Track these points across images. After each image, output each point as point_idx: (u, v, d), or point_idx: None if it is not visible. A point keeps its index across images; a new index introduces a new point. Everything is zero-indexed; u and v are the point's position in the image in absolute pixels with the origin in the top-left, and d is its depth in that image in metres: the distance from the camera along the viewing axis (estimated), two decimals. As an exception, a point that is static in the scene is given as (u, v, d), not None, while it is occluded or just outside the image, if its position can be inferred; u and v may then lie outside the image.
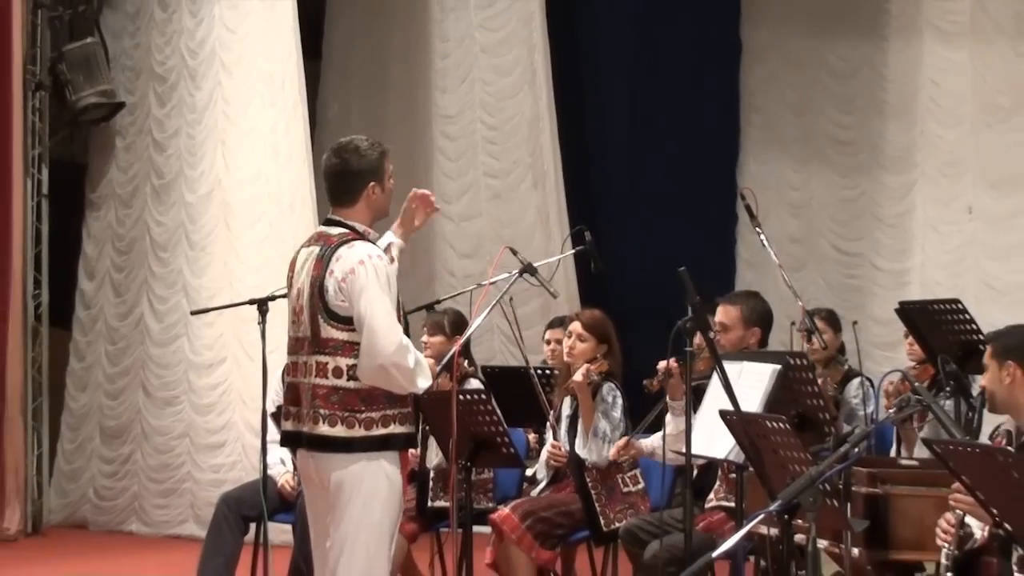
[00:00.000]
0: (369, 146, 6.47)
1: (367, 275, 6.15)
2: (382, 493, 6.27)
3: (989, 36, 12.45)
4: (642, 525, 8.36)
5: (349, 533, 6.31)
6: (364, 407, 6.21)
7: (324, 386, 6.25)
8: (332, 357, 6.24)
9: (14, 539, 12.76)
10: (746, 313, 8.42)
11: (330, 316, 6.24)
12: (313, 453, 6.35)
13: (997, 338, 6.38)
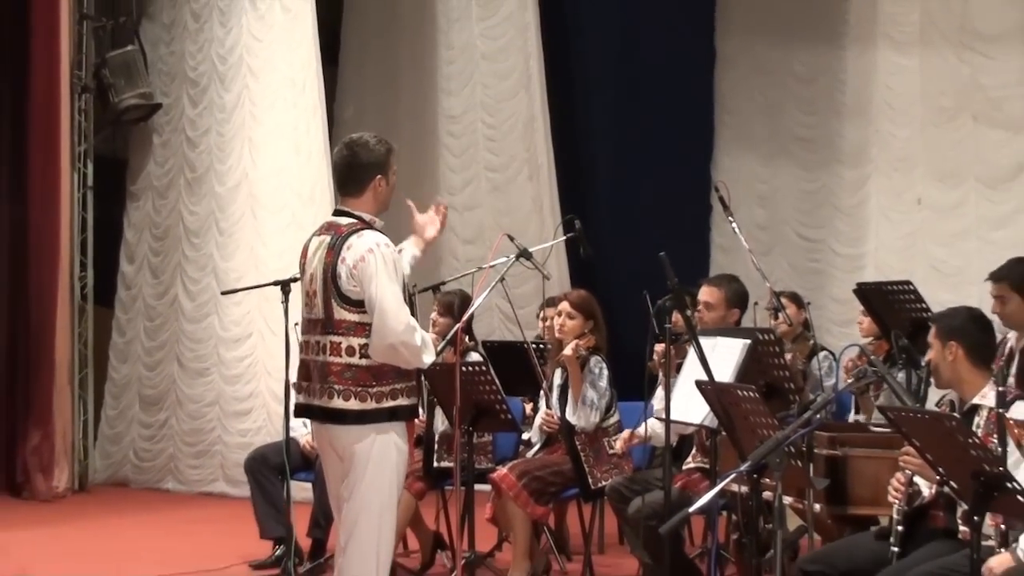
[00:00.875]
0: (377, 142, 6.44)
1: (376, 262, 6.11)
2: (391, 461, 6.28)
3: (936, 45, 12.45)
4: (626, 484, 8.38)
5: (363, 501, 6.30)
6: (375, 382, 6.18)
7: (338, 363, 6.21)
8: (345, 337, 6.20)
9: (63, 496, 12.78)
10: (729, 295, 8.48)
11: (343, 300, 6.19)
12: (328, 425, 6.32)
13: (941, 319, 6.38)
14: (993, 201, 11.82)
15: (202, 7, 13.36)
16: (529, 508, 8.68)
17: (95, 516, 12.02)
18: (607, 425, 8.82)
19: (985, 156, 11.92)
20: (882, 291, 8.40)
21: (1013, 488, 4.84)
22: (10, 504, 12.50)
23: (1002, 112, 11.82)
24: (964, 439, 4.94)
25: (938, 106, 12.40)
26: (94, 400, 13.79)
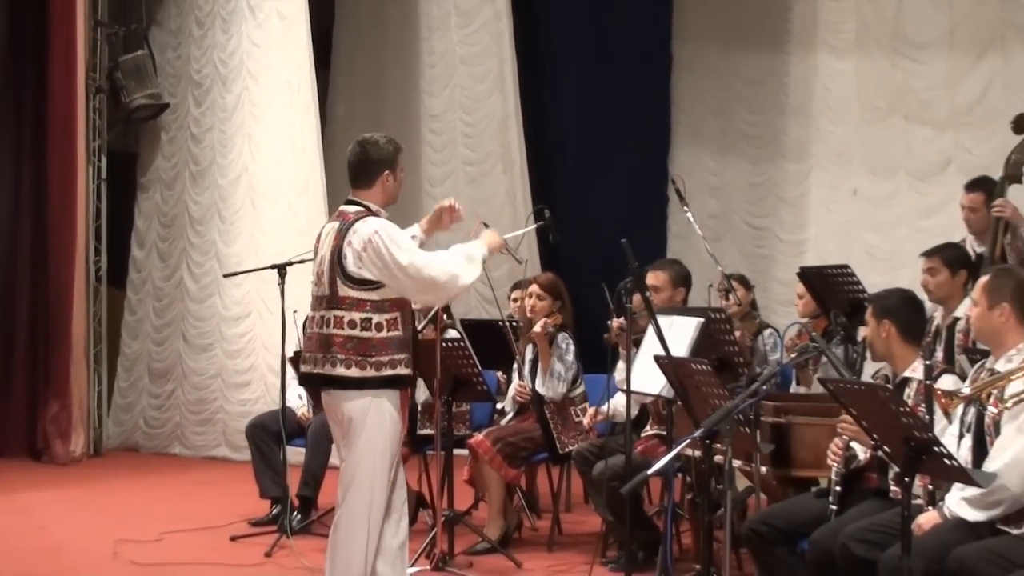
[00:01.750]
0: (387, 142, 6.65)
1: (382, 243, 6.22)
2: (385, 427, 6.36)
3: (870, 51, 12.45)
4: (590, 449, 8.40)
5: (358, 459, 6.40)
6: (374, 353, 6.29)
7: (341, 335, 6.31)
8: (348, 311, 6.31)
9: (79, 460, 12.79)
10: (673, 276, 8.57)
11: (347, 278, 6.30)
12: (331, 391, 6.41)
13: (877, 299, 6.40)
14: (922, 193, 11.83)
15: (206, 15, 13.35)
16: (503, 471, 8.71)
17: (109, 478, 11.99)
18: (573, 395, 8.85)
19: (915, 152, 11.93)
20: (823, 274, 8.41)
21: (939, 452, 4.84)
22: (31, 467, 12.53)
23: (930, 112, 11.83)
24: (896, 408, 4.95)
25: (872, 106, 12.41)
26: (107, 373, 13.80)
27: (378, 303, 6.32)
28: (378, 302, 6.32)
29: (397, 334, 6.37)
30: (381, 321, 6.32)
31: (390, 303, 6.35)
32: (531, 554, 8.70)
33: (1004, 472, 5.32)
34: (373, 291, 6.31)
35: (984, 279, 5.78)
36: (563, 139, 14.83)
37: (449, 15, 14.23)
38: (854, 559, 5.57)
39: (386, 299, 6.33)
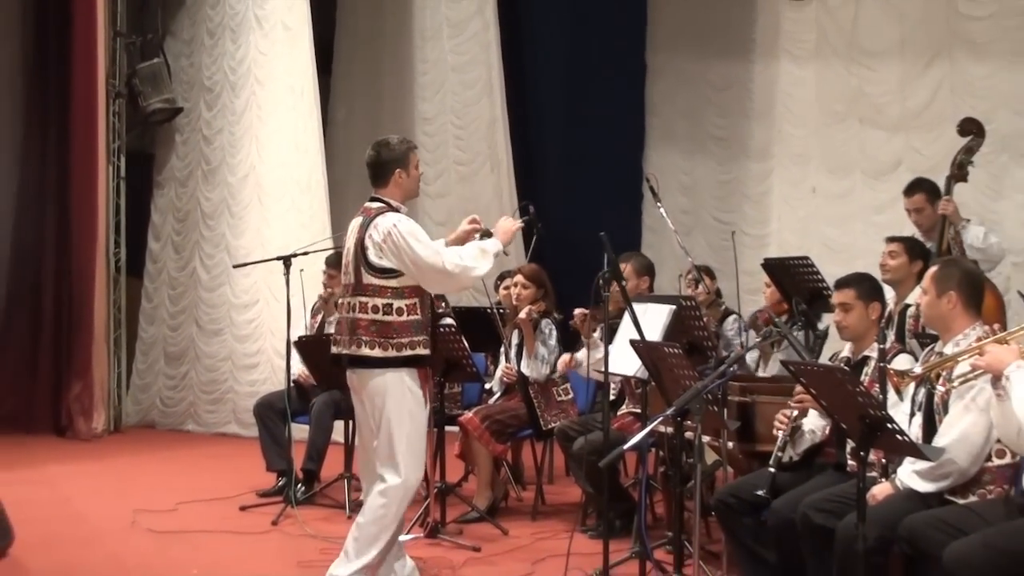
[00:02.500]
0: (399, 142, 6.80)
1: (400, 237, 6.39)
2: (408, 399, 6.50)
3: (828, 59, 12.44)
4: (571, 426, 8.42)
5: (390, 431, 6.49)
6: (396, 335, 6.44)
7: (365, 319, 6.46)
8: (371, 298, 6.46)
9: (100, 436, 12.77)
10: (636, 267, 8.69)
11: (369, 267, 6.45)
12: (356, 370, 6.53)
13: (861, 282, 6.39)
14: (875, 190, 11.82)
15: (216, 26, 13.33)
16: (490, 446, 8.72)
17: (127, 453, 11.98)
18: (556, 376, 8.85)
19: (869, 152, 11.92)
20: (785, 265, 8.41)
21: (892, 429, 4.85)
22: (55, 443, 12.50)
23: (883, 116, 11.82)
24: (852, 388, 4.96)
25: (830, 110, 12.40)
26: (126, 356, 13.81)
27: (398, 290, 6.47)
28: (398, 289, 6.47)
29: (416, 318, 6.51)
30: (401, 306, 6.46)
31: (409, 290, 6.50)
32: (516, 522, 8.70)
33: (952, 447, 5.35)
34: (393, 279, 6.46)
35: (933, 269, 5.80)
36: (546, 141, 14.85)
37: (441, 26, 14.23)
38: (813, 526, 5.58)
39: (405, 286, 6.49)
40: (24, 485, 9.58)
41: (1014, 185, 10.51)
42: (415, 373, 6.53)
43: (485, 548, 7.93)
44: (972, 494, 5.40)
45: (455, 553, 7.80)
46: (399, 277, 6.45)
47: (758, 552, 6.21)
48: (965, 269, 5.81)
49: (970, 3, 11.03)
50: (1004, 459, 5.38)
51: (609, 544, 6.07)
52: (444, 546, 7.94)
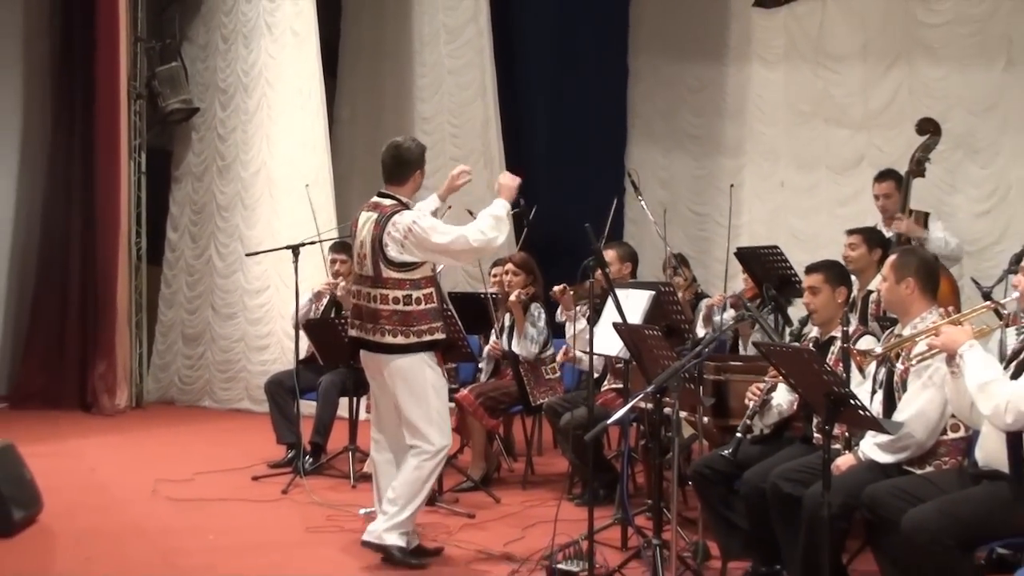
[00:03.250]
0: (416, 145, 6.89)
1: (422, 232, 6.44)
2: (429, 376, 6.59)
3: (796, 64, 12.45)
4: (559, 402, 8.44)
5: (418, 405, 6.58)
6: (415, 323, 6.51)
7: (387, 310, 6.51)
8: (391, 290, 6.51)
9: (123, 412, 12.76)
10: (621, 254, 8.73)
11: (388, 263, 6.48)
12: (379, 355, 6.57)
13: (829, 268, 6.42)
14: (839, 184, 11.84)
15: (230, 32, 13.30)
16: (484, 420, 8.73)
17: (148, 427, 11.97)
18: (544, 356, 8.89)
19: (833, 150, 11.93)
20: (756, 253, 8.41)
21: (855, 404, 4.85)
22: (82, 418, 12.48)
23: (846, 115, 11.83)
24: (818, 367, 4.96)
25: (798, 110, 12.41)
26: (147, 337, 13.77)
27: (416, 281, 6.54)
28: (416, 280, 6.54)
29: (432, 306, 6.59)
30: (419, 296, 6.53)
31: (425, 281, 6.58)
32: (508, 491, 8.70)
33: (910, 422, 5.37)
34: (412, 271, 6.51)
35: (892, 258, 5.81)
36: (535, 139, 14.81)
37: (438, 32, 14.20)
38: (782, 495, 5.59)
39: (422, 278, 6.57)
40: (52, 457, 9.58)
41: (967, 180, 10.53)
42: (433, 356, 6.62)
43: (479, 515, 7.93)
44: (929, 465, 5.42)
45: (451, 519, 7.80)
46: (417, 269, 6.51)
47: (731, 519, 6.21)
48: (922, 257, 5.84)
49: (927, 12, 11.03)
50: (958, 433, 5.41)
51: (594, 511, 6.06)
52: (441, 513, 7.94)
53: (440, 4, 14.19)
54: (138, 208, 13.47)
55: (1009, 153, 10.28)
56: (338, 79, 14.82)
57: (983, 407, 4.83)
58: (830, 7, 12.08)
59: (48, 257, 13.47)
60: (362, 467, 9.10)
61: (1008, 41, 10.29)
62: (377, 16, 14.73)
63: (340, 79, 14.89)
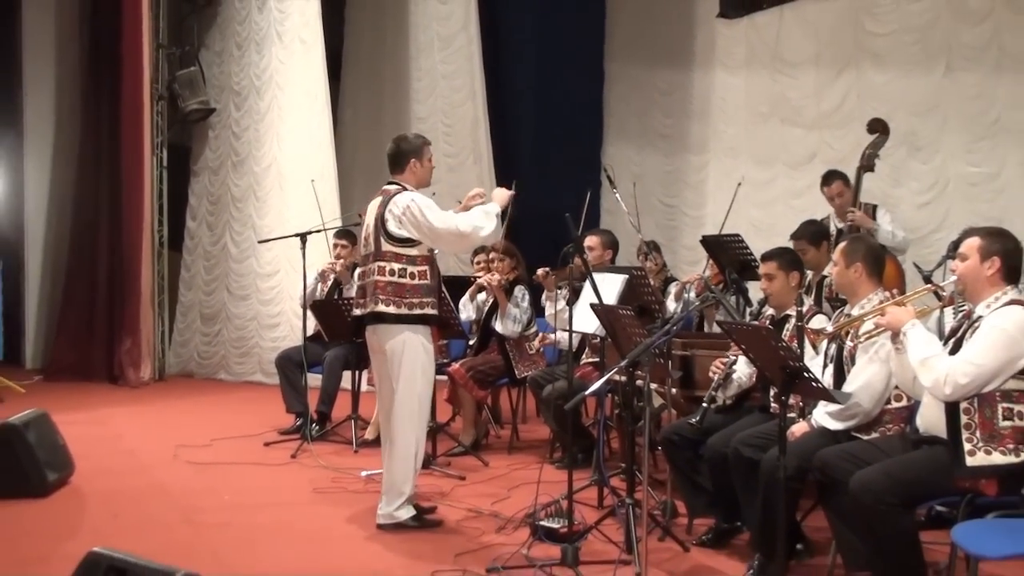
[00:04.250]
0: (415, 137, 6.85)
1: (417, 210, 6.42)
2: (420, 356, 6.52)
3: (756, 69, 12.44)
4: (541, 375, 8.43)
5: (403, 385, 6.51)
6: (408, 295, 6.46)
7: (382, 281, 6.46)
8: (388, 262, 6.47)
9: (147, 384, 12.79)
10: (604, 241, 8.67)
11: (388, 236, 6.47)
12: (375, 327, 6.52)
13: (782, 255, 6.43)
14: (794, 179, 11.84)
15: (244, 40, 13.27)
16: (473, 392, 8.73)
17: (170, 398, 11.96)
18: (527, 334, 8.89)
19: (789, 147, 11.93)
20: (720, 241, 8.41)
21: (808, 377, 4.86)
22: (109, 389, 12.49)
23: (801, 116, 11.83)
24: (775, 343, 4.96)
25: (757, 111, 12.40)
26: (168, 317, 13.78)
27: (412, 257, 6.49)
28: (413, 256, 6.49)
29: (426, 282, 6.53)
30: (414, 271, 6.48)
31: (421, 259, 6.52)
32: (495, 456, 8.71)
33: (858, 393, 5.38)
34: (409, 247, 6.47)
35: (842, 245, 5.82)
36: (520, 136, 14.81)
37: (432, 41, 14.21)
38: (742, 459, 5.60)
39: (419, 255, 6.51)
40: (82, 425, 9.56)
41: (910, 175, 10.53)
42: (427, 331, 6.56)
43: (469, 477, 7.93)
44: (874, 431, 5.43)
45: (444, 481, 7.79)
46: (415, 247, 6.47)
47: (697, 480, 6.23)
48: (869, 244, 5.87)
49: (874, 22, 11.02)
50: (901, 402, 5.42)
51: (573, 473, 6.07)
52: (435, 475, 7.94)
53: (434, 15, 14.21)
54: (160, 199, 13.46)
55: (948, 151, 10.29)
56: (341, 83, 14.81)
57: (924, 380, 4.84)
58: (786, 18, 12.07)
59: (78, 244, 13.50)
60: (363, 434, 9.10)
61: (947, 48, 10.29)
62: (377, 26, 14.73)
63: (343, 83, 14.88)
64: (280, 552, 6.19)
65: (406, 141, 6.77)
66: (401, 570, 5.82)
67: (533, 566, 5.68)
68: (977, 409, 4.73)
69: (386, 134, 14.00)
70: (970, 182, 10.09)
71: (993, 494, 4.74)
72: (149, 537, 6.36)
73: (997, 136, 9.87)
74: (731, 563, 5.87)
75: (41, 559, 5.96)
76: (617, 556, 5.75)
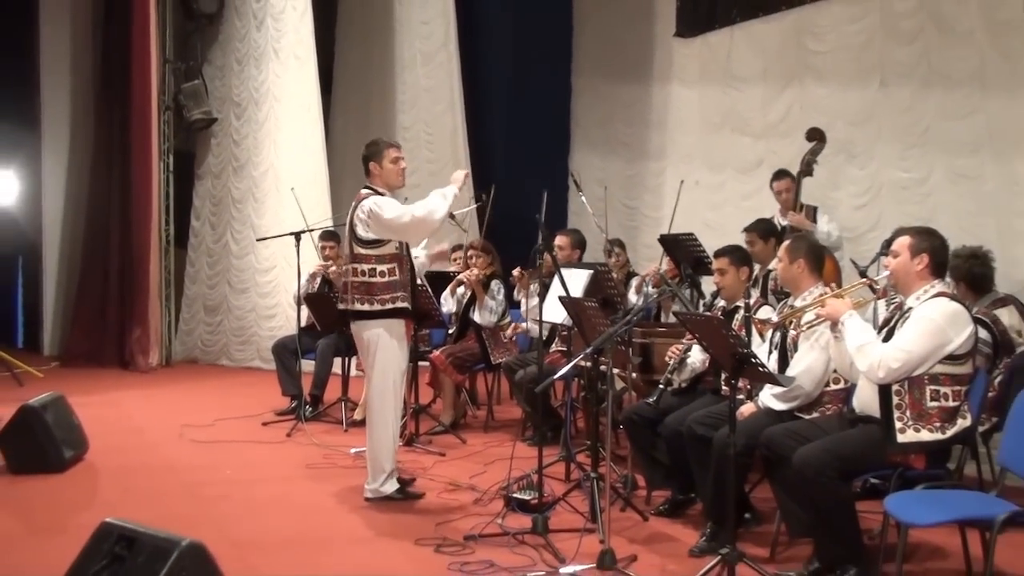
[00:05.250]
0: (372, 143, 6.71)
1: (376, 209, 6.36)
2: (394, 347, 6.50)
3: (708, 83, 12.47)
4: (514, 360, 8.46)
5: (377, 374, 6.51)
6: (379, 293, 6.44)
7: (356, 281, 6.46)
8: (359, 264, 6.46)
9: (155, 369, 12.74)
10: (573, 240, 8.67)
11: (357, 239, 6.44)
12: (356, 322, 6.51)
13: (733, 252, 6.47)
14: (743, 183, 11.87)
15: (243, 55, 13.22)
16: (453, 376, 8.73)
17: (176, 382, 11.91)
18: (503, 324, 8.88)
19: (738, 154, 11.96)
20: (676, 239, 8.42)
21: (755, 362, 4.88)
22: (121, 374, 12.44)
23: (749, 126, 11.86)
24: (725, 332, 4.98)
25: (710, 122, 12.43)
26: (175, 308, 13.70)
27: (380, 257, 6.45)
28: (380, 256, 6.45)
29: (395, 278, 6.48)
30: (383, 270, 6.45)
31: (388, 257, 6.47)
32: (472, 434, 8.72)
33: (800, 376, 5.42)
34: (377, 248, 6.43)
35: (786, 243, 5.86)
36: (494, 144, 14.79)
37: (416, 57, 14.20)
38: (696, 436, 5.62)
39: (386, 254, 6.46)
40: (96, 407, 9.52)
41: (847, 179, 10.57)
42: (400, 324, 6.51)
43: (449, 453, 7.93)
44: (815, 411, 5.47)
45: (426, 457, 7.79)
46: (382, 246, 6.42)
47: (655, 456, 6.25)
48: (810, 243, 5.92)
49: (815, 41, 11.06)
50: (839, 385, 5.46)
51: (543, 450, 6.07)
52: (418, 451, 7.94)
53: (417, 33, 14.20)
54: (166, 201, 13.41)
55: (881, 158, 10.34)
56: (333, 95, 14.76)
57: (860, 365, 4.87)
58: (736, 37, 12.10)
59: (92, 241, 13.46)
60: (352, 415, 9.08)
61: (881, 65, 10.33)
62: (365, 44, 14.71)
63: (334, 95, 14.83)
64: (276, 521, 6.18)
65: (367, 147, 6.70)
66: (387, 537, 5.82)
67: (507, 534, 5.69)
68: (907, 391, 4.77)
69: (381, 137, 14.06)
70: (902, 186, 10.14)
71: (921, 467, 4.78)
72: (156, 508, 6.34)
73: (926, 145, 9.93)
74: (686, 531, 5.88)
75: (59, 528, 5.93)
76: (583, 525, 5.75)
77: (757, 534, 5.70)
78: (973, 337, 4.79)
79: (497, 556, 5.35)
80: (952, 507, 4.32)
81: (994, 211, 9.17)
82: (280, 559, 5.44)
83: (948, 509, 4.29)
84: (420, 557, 5.43)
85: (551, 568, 5.18)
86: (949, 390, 4.74)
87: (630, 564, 5.22)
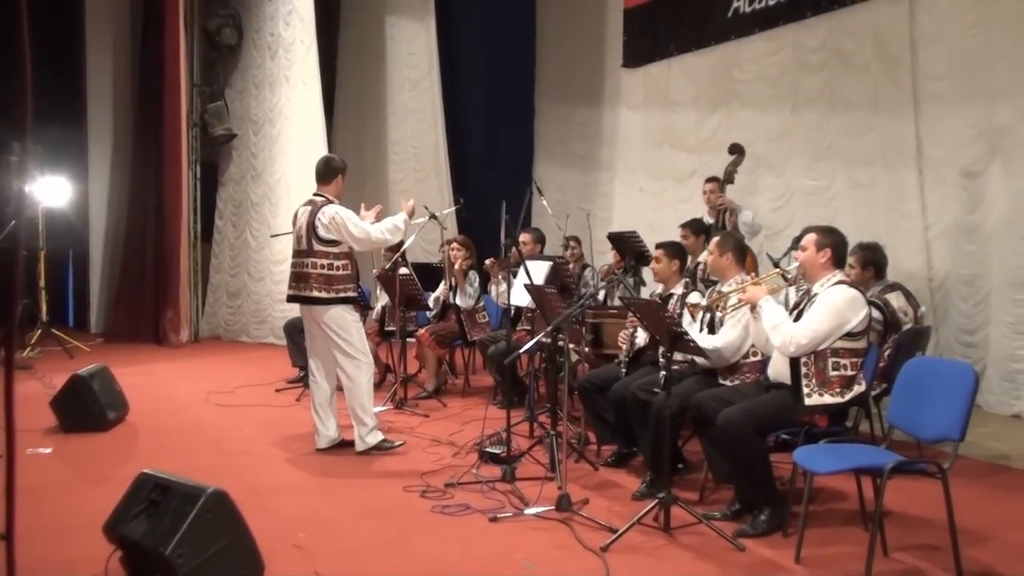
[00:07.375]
0: (340, 160, 6.75)
1: (341, 219, 6.36)
2: (349, 319, 6.47)
3: (651, 107, 12.49)
4: (487, 338, 8.44)
5: (343, 346, 6.47)
6: (336, 283, 6.43)
7: (315, 273, 6.42)
8: (318, 259, 6.43)
9: (185, 344, 12.68)
10: (535, 237, 8.70)
11: (318, 239, 6.40)
12: (311, 307, 6.47)
13: (669, 246, 6.50)
14: (679, 190, 11.89)
15: (259, 81, 13.13)
16: (435, 350, 8.71)
17: (203, 355, 11.84)
18: (477, 307, 8.86)
19: (675, 166, 11.98)
20: (622, 236, 8.45)
21: (687, 339, 4.89)
22: (156, 348, 12.37)
23: (684, 143, 11.88)
24: (663, 314, 4.99)
25: (652, 139, 12.44)
26: (201, 293, 13.63)
27: (336, 254, 6.44)
28: (336, 253, 6.44)
29: (348, 272, 6.48)
30: (339, 264, 6.45)
31: (343, 254, 6.47)
32: (451, 399, 8.70)
33: (724, 348, 5.43)
34: (334, 246, 6.41)
35: (716, 238, 5.87)
36: (470, 157, 14.78)
37: (404, 84, 14.18)
38: (638, 400, 5.63)
39: (341, 252, 6.46)
40: (135, 376, 9.46)
41: (765, 187, 10.61)
42: (351, 307, 6.50)
43: (432, 415, 7.93)
44: (736, 379, 5.49)
45: (412, 418, 7.79)
46: (338, 246, 6.42)
47: (604, 417, 6.26)
48: (736, 238, 5.92)
49: (739, 72, 11.09)
50: (756, 357, 5.48)
51: (510, 412, 6.08)
52: (406, 414, 7.93)
53: (404, 63, 14.17)
54: (194, 203, 13.33)
55: (793, 169, 10.38)
56: (334, 115, 14.69)
57: (774, 340, 4.90)
58: (673, 69, 12.11)
59: (131, 237, 13.39)
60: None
61: (794, 92, 10.38)
62: (361, 72, 14.66)
63: (336, 115, 14.76)
64: (286, 471, 6.17)
65: (335, 160, 6.72)
66: (379, 483, 5.82)
67: (480, 482, 5.70)
68: (813, 362, 4.80)
69: (368, 156, 14.11)
70: (810, 192, 10.19)
71: (824, 426, 4.82)
72: (186, 461, 6.31)
73: (830, 159, 9.98)
74: (629, 479, 5.91)
75: (104, 479, 5.91)
76: (544, 474, 5.77)
77: (688, 481, 5.74)
78: (868, 317, 4.83)
79: (472, 500, 5.37)
80: (849, 458, 4.35)
81: (885, 213, 9.24)
82: (290, 503, 5.44)
83: (846, 459, 4.32)
84: (408, 500, 5.44)
85: (517, 510, 5.20)
86: (848, 361, 4.78)
87: (583, 506, 5.25)
